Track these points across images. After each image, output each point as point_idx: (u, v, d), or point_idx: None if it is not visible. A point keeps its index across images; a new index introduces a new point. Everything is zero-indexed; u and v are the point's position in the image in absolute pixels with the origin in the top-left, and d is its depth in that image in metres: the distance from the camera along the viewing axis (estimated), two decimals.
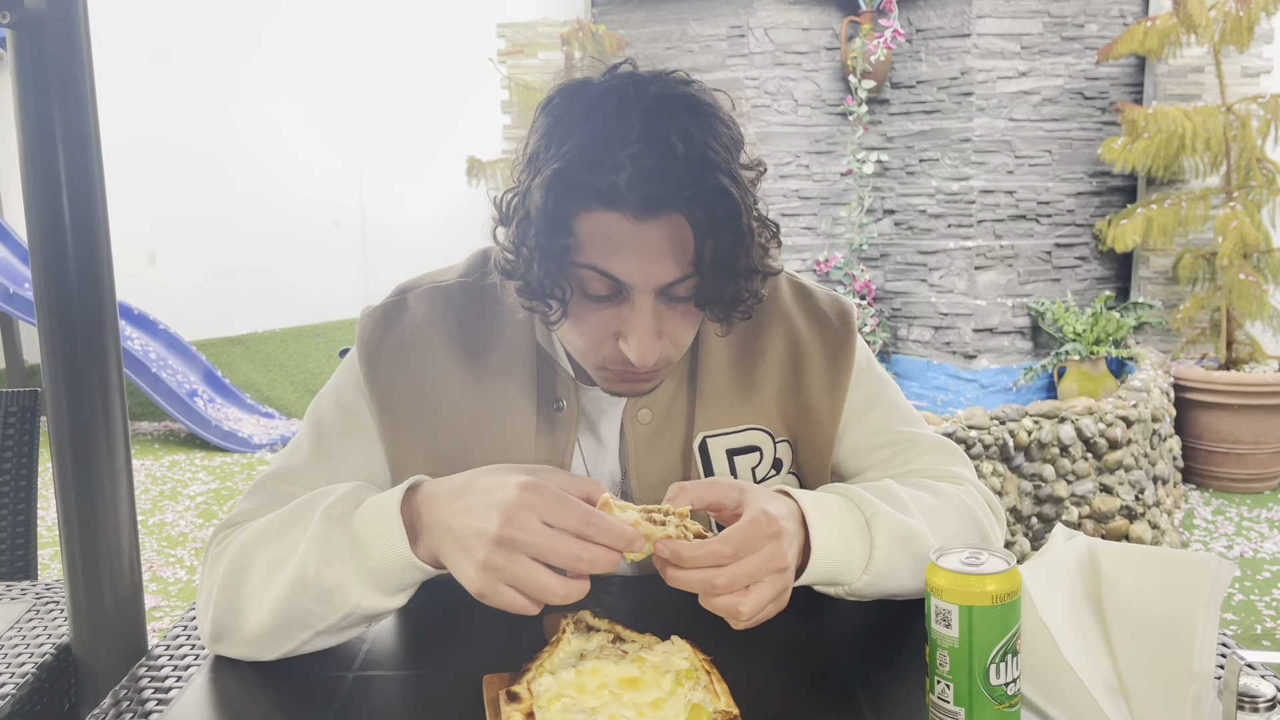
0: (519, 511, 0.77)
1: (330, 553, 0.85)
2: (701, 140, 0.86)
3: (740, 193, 0.87)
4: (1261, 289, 4.49)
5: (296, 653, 0.90)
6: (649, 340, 0.90)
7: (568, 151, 0.86)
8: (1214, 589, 0.75)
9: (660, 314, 0.91)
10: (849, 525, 0.91)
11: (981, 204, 5.24)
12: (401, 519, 0.83)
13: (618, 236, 0.87)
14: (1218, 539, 3.90)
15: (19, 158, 1.14)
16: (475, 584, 0.78)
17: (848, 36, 5.38)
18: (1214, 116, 4.58)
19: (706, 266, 0.87)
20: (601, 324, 0.92)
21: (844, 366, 1.10)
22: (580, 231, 0.88)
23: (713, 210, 0.85)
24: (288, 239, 6.41)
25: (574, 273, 0.90)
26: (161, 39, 6.25)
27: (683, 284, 0.90)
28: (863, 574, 0.90)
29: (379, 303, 1.10)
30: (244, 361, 6.46)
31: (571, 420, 1.06)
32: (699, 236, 0.85)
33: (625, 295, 0.90)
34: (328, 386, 1.10)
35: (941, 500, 1.01)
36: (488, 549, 0.77)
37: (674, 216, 0.86)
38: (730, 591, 0.80)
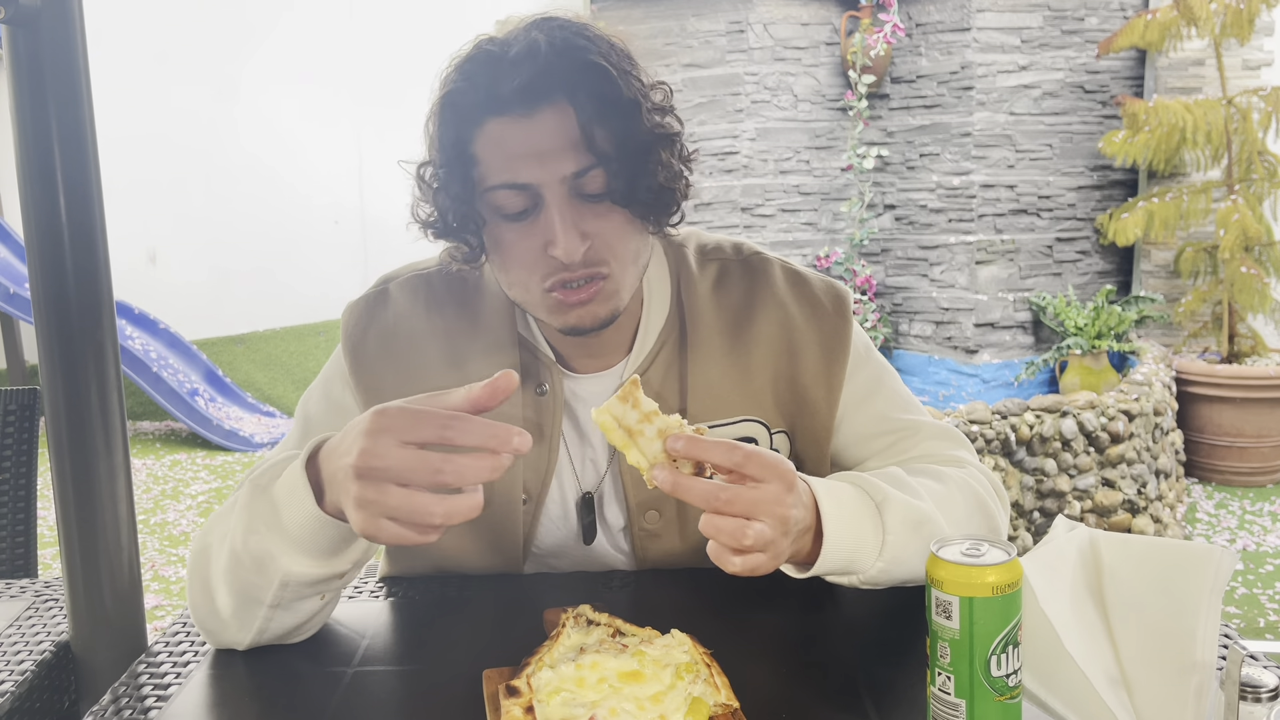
0: (373, 438, 0.74)
1: (256, 520, 0.85)
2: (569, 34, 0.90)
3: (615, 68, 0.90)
4: (1263, 282, 4.49)
5: (268, 634, 0.90)
6: (570, 233, 0.90)
7: (453, 79, 0.92)
8: (1216, 579, 0.75)
9: (579, 211, 0.92)
10: (861, 512, 0.89)
11: (982, 198, 5.23)
12: (307, 476, 0.82)
13: (511, 139, 0.90)
14: (1220, 533, 3.90)
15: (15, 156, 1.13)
16: (356, 524, 0.75)
17: (847, 31, 5.37)
18: (1215, 109, 4.57)
19: (603, 151, 0.89)
20: (528, 243, 0.93)
21: (840, 354, 1.08)
22: (479, 152, 0.91)
23: (592, 86, 0.89)
24: (288, 238, 6.42)
25: (485, 200, 0.93)
26: (162, 38, 6.25)
27: (589, 175, 0.91)
28: (876, 561, 0.89)
29: (362, 294, 1.11)
30: (245, 360, 6.46)
31: (555, 405, 1.06)
32: (583, 116, 0.88)
33: (539, 203, 0.91)
34: (316, 380, 1.11)
35: (947, 485, 1.00)
36: (355, 484, 0.74)
37: (559, 104, 0.89)
38: (731, 513, 0.78)
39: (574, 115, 0.89)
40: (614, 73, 0.90)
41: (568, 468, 1.09)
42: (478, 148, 0.92)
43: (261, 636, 0.90)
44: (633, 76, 0.92)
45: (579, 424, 1.09)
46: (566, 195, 0.91)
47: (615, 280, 0.96)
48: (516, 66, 0.88)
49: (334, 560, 0.85)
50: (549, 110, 0.89)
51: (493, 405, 0.76)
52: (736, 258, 1.13)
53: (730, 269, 1.12)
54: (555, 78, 0.88)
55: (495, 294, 1.08)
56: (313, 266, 6.41)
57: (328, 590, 0.89)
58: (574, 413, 1.08)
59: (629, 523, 1.08)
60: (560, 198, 0.91)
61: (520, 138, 0.90)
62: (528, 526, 1.08)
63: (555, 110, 0.89)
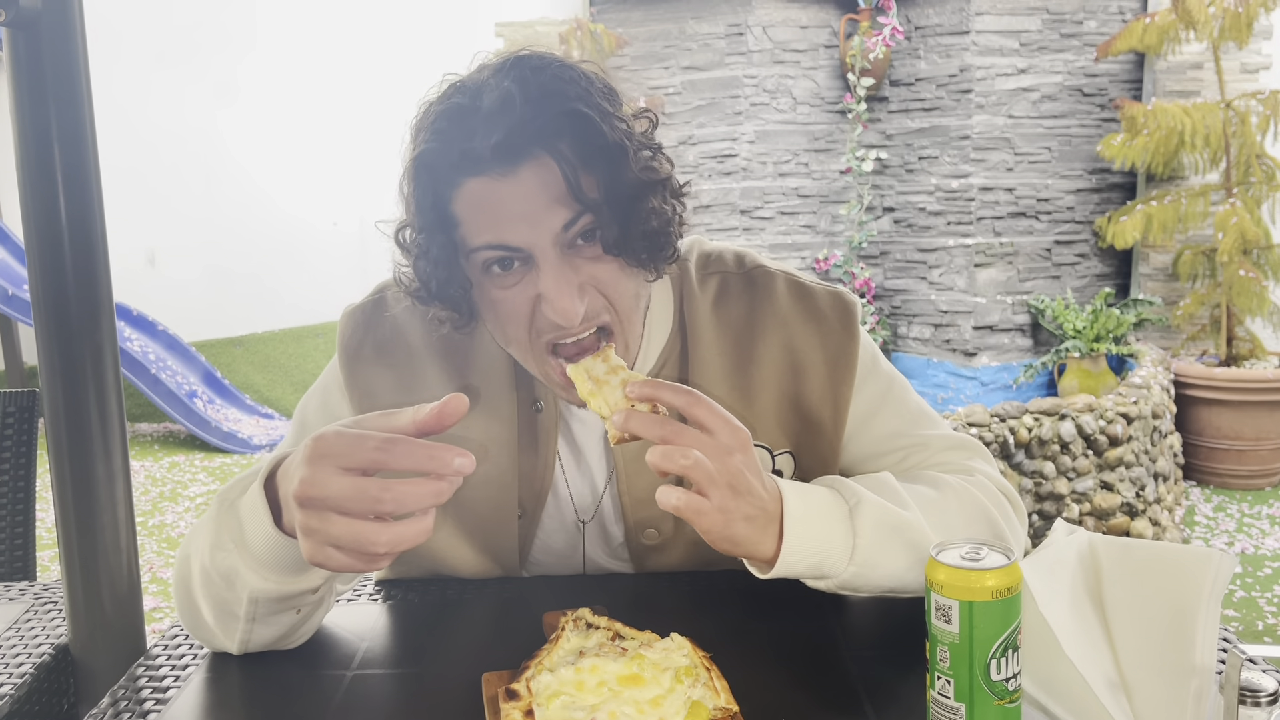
0: (312, 466, 0.72)
1: (222, 536, 0.84)
2: (543, 80, 0.84)
3: (597, 112, 0.85)
4: (1261, 285, 4.49)
5: (255, 645, 0.89)
6: (567, 296, 0.86)
7: (425, 138, 0.87)
8: (1215, 583, 0.75)
9: (574, 265, 0.88)
10: (829, 513, 0.87)
11: (981, 201, 5.24)
12: (265, 496, 0.81)
13: (493, 200, 0.85)
14: (1219, 535, 3.90)
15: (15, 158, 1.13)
16: (305, 552, 0.73)
17: (846, 34, 5.37)
18: (1213, 113, 4.58)
19: (591, 199, 0.85)
20: (521, 299, 0.89)
21: (846, 373, 1.05)
22: (460, 213, 0.87)
23: (574, 136, 0.84)
24: (287, 240, 6.42)
25: (472, 261, 0.89)
26: (161, 41, 6.25)
27: (579, 224, 0.86)
28: (848, 565, 0.87)
29: (359, 301, 1.10)
30: (243, 362, 6.46)
31: (550, 423, 1.05)
32: (567, 168, 0.83)
33: (531, 260, 0.87)
34: (314, 386, 1.10)
35: (943, 491, 0.98)
36: (299, 513, 0.72)
37: (539, 158, 0.84)
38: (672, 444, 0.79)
39: (557, 169, 0.84)
40: (595, 117, 0.84)
41: (563, 484, 1.08)
42: (458, 208, 0.87)
43: (247, 646, 0.90)
44: (615, 118, 0.87)
45: (575, 441, 1.07)
46: (559, 252, 0.87)
47: (619, 326, 0.93)
48: (491, 122, 0.83)
49: (299, 578, 0.84)
50: (530, 166, 0.84)
51: (440, 429, 0.74)
52: (738, 271, 1.09)
53: (731, 284, 1.08)
54: (533, 132, 0.83)
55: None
56: (311, 268, 6.41)
57: (301, 605, 0.88)
58: (570, 429, 1.07)
59: (627, 538, 1.08)
60: (553, 256, 0.86)
61: (503, 198, 0.85)
62: (523, 541, 1.08)
63: (537, 165, 0.84)
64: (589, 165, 0.85)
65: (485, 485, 1.04)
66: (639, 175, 0.87)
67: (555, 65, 0.87)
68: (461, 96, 0.86)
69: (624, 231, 0.87)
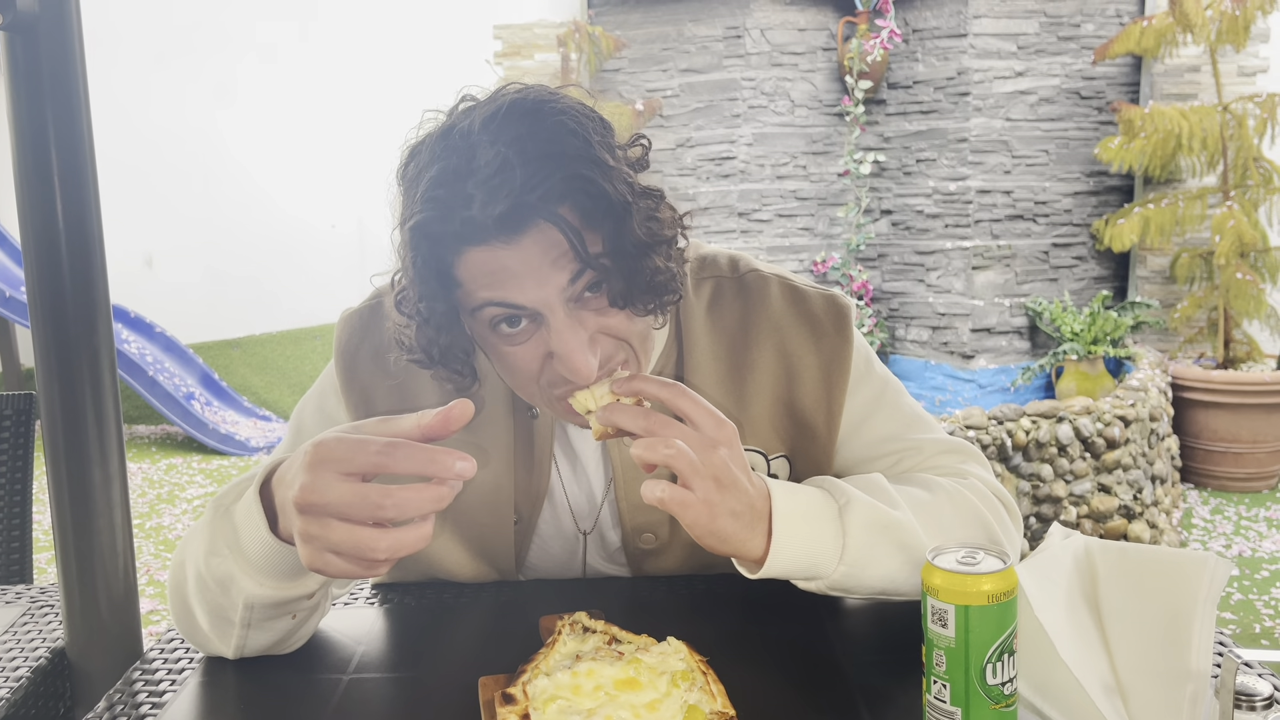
0: (313, 472, 0.71)
1: (218, 542, 0.84)
2: (541, 140, 0.81)
3: (598, 171, 0.82)
4: (1259, 288, 4.50)
5: (249, 650, 0.90)
6: (580, 354, 0.84)
7: (419, 208, 0.83)
8: (1210, 587, 0.75)
9: (582, 319, 0.86)
10: (818, 513, 0.87)
11: (979, 204, 5.24)
12: (261, 502, 0.80)
13: (497, 268, 0.83)
14: (1216, 538, 3.90)
15: (12, 160, 1.13)
16: (303, 558, 0.73)
17: (844, 37, 5.38)
18: (1210, 116, 4.59)
19: (596, 260, 0.83)
20: (529, 352, 0.88)
21: (840, 377, 1.04)
22: (463, 277, 0.85)
23: (576, 199, 0.82)
24: (285, 242, 6.41)
25: (476, 318, 0.87)
26: (159, 42, 6.25)
27: (583, 279, 0.84)
28: (838, 565, 0.86)
29: (356, 305, 1.09)
30: (241, 364, 6.45)
31: (547, 430, 1.04)
32: (570, 234, 0.81)
33: (539, 318, 0.85)
34: (312, 390, 1.10)
35: (935, 494, 0.98)
36: (299, 520, 0.72)
37: (540, 225, 0.81)
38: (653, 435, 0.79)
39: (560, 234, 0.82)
40: (597, 177, 0.81)
41: (560, 491, 1.07)
42: (460, 272, 0.85)
43: (243, 651, 0.90)
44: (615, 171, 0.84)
45: (572, 448, 1.07)
46: (566, 307, 0.85)
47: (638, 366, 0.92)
48: (489, 191, 0.79)
49: (295, 583, 0.84)
50: (533, 233, 0.82)
51: (446, 434, 0.73)
52: (732, 275, 1.08)
53: (725, 288, 1.07)
54: (535, 201, 0.80)
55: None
56: (309, 270, 6.41)
57: (296, 610, 0.88)
58: (567, 437, 1.07)
59: (624, 543, 1.08)
60: (561, 313, 0.84)
61: (507, 264, 0.83)
62: (520, 547, 1.08)
63: (540, 232, 0.82)
64: (592, 225, 0.83)
65: (481, 490, 1.04)
66: (643, 232, 0.85)
67: (550, 115, 0.83)
68: (454, 158, 0.82)
69: (629, 285, 0.85)
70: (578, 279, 0.84)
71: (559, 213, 0.81)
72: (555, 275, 0.83)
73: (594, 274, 0.84)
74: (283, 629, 0.89)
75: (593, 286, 0.86)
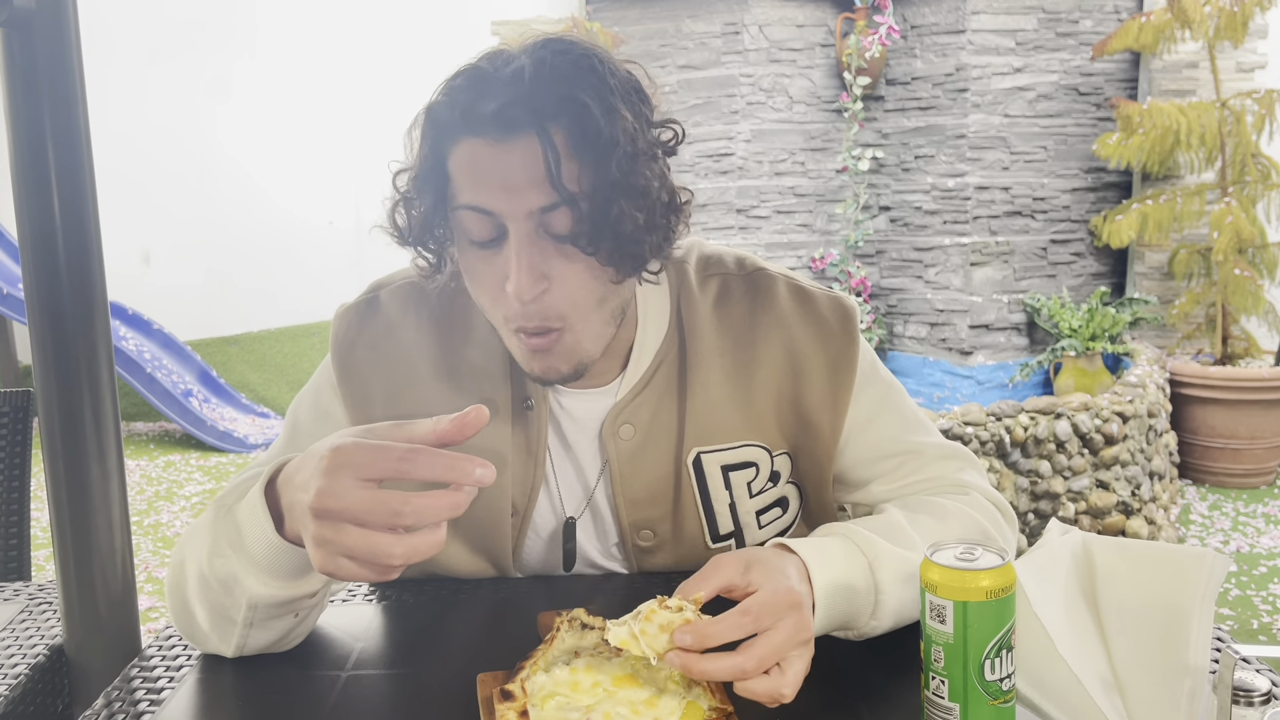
0: (330, 477, 0.71)
1: (221, 542, 0.84)
2: (561, 65, 0.86)
3: (599, 104, 0.85)
4: (1256, 284, 4.50)
5: (249, 649, 0.90)
6: (526, 272, 0.86)
7: (440, 93, 0.89)
8: (1209, 583, 0.75)
9: (542, 251, 0.87)
10: (853, 572, 0.86)
11: (977, 200, 5.24)
12: (266, 502, 0.80)
13: (482, 163, 0.87)
14: (1214, 534, 3.91)
15: (9, 157, 1.13)
16: (315, 561, 0.72)
17: (842, 33, 5.38)
18: (1209, 112, 4.59)
19: (572, 192, 0.84)
20: (492, 274, 0.90)
21: (846, 377, 1.04)
22: (453, 170, 0.89)
23: (568, 123, 0.84)
24: (283, 238, 6.41)
25: (455, 219, 0.91)
26: (155, 39, 6.24)
27: (556, 213, 0.86)
28: (870, 620, 0.87)
29: (352, 301, 1.09)
30: (239, 361, 6.45)
31: (541, 422, 1.04)
32: (550, 153, 0.84)
33: (503, 235, 0.88)
34: (307, 385, 1.10)
35: (946, 521, 0.98)
36: (313, 523, 0.71)
37: (528, 135, 0.85)
38: (760, 673, 0.75)
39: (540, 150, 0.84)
40: (595, 110, 0.84)
41: (554, 481, 1.07)
42: (451, 164, 0.89)
43: (243, 650, 0.90)
44: (621, 115, 0.86)
45: (566, 440, 1.06)
46: (531, 231, 0.87)
47: (575, 334, 0.92)
48: (498, 90, 0.85)
49: (299, 582, 0.84)
50: (520, 141, 0.85)
51: (460, 440, 0.73)
52: (739, 273, 1.09)
53: (732, 285, 1.08)
54: (530, 108, 0.84)
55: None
56: (307, 267, 6.40)
57: (299, 609, 0.88)
58: (561, 429, 1.06)
59: (622, 539, 1.08)
60: (523, 233, 0.87)
61: (490, 163, 0.86)
62: (515, 541, 1.08)
63: (526, 142, 0.85)
64: (577, 155, 0.85)
65: None
66: (621, 175, 0.85)
67: (580, 52, 0.87)
68: (488, 62, 0.88)
69: (597, 229, 0.86)
70: (550, 210, 0.86)
71: (548, 129, 0.84)
72: (529, 193, 0.85)
73: (564, 213, 0.86)
74: (284, 627, 0.89)
75: (560, 233, 0.87)
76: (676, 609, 0.77)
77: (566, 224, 0.86)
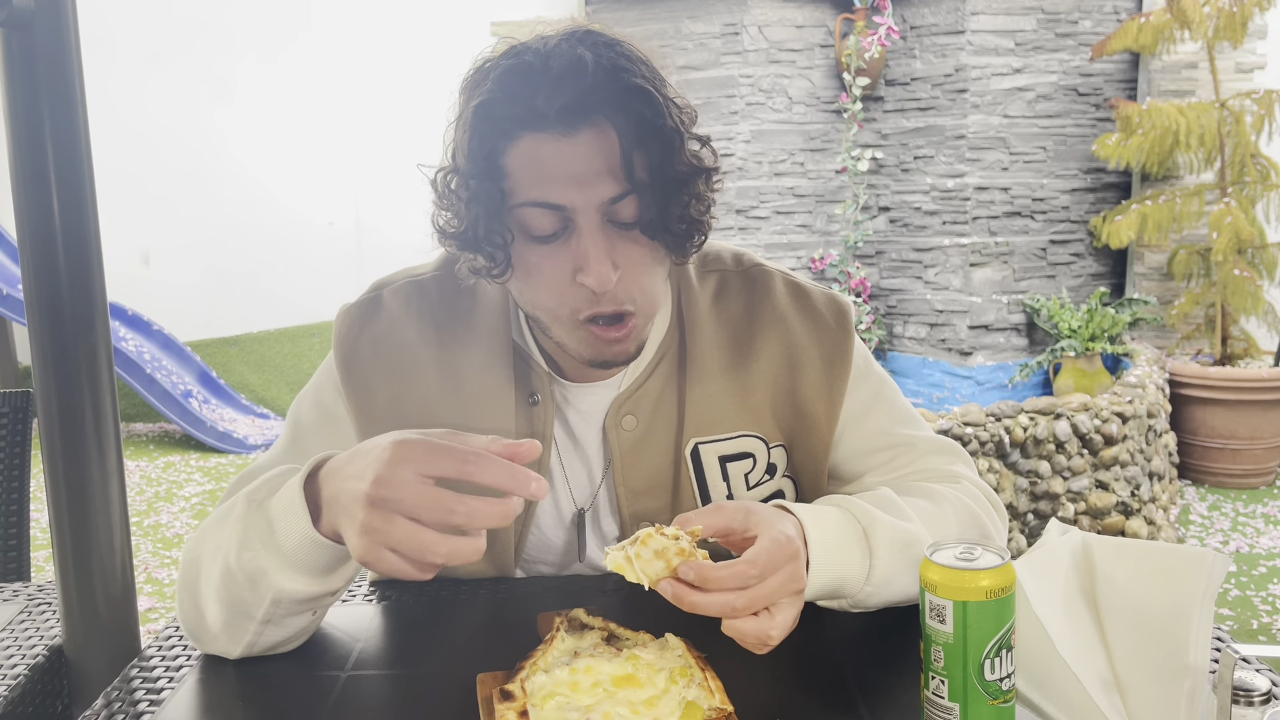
0: (392, 468, 0.73)
1: (250, 536, 0.84)
2: (613, 54, 0.87)
3: (659, 93, 0.88)
4: (1256, 284, 4.50)
5: (259, 647, 0.90)
6: (603, 262, 0.88)
7: (488, 89, 0.88)
8: (1209, 583, 0.75)
9: (611, 240, 0.90)
10: (846, 536, 0.89)
11: (976, 201, 5.24)
12: (304, 496, 0.81)
13: (548, 158, 0.87)
14: (1214, 535, 3.91)
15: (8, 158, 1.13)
16: (357, 550, 0.74)
17: (842, 34, 5.38)
18: (1208, 112, 4.59)
19: (642, 181, 0.87)
20: (556, 268, 0.91)
21: (841, 370, 1.07)
22: (512, 167, 0.89)
23: (637, 111, 0.86)
24: (282, 239, 6.41)
25: (514, 216, 0.90)
26: (155, 40, 6.24)
27: (624, 202, 0.88)
28: (864, 585, 0.89)
29: (355, 300, 1.10)
30: (239, 362, 6.45)
31: (547, 415, 1.05)
32: (625, 142, 0.86)
33: (571, 227, 0.89)
34: (308, 385, 1.10)
35: (940, 504, 1.00)
36: (364, 511, 0.73)
37: (600, 125, 0.87)
38: (750, 613, 0.78)
39: (616, 139, 0.86)
40: (659, 99, 0.87)
41: (560, 477, 1.08)
42: (509, 161, 0.89)
43: (251, 649, 0.90)
44: (673, 104, 0.90)
45: (572, 433, 1.07)
46: (600, 222, 0.89)
47: (644, 313, 0.95)
48: (560, 82, 0.85)
49: (327, 579, 0.85)
50: (590, 132, 0.87)
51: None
52: (736, 269, 1.11)
53: (730, 281, 1.10)
54: (600, 98, 0.85)
55: (491, 300, 1.06)
56: (307, 268, 6.40)
57: (319, 606, 0.89)
58: (567, 422, 1.07)
59: (623, 533, 1.08)
60: (594, 224, 0.88)
61: (558, 158, 0.87)
62: (519, 535, 1.08)
63: (597, 132, 0.87)
64: (644, 144, 0.87)
65: None
66: (688, 162, 0.89)
67: (625, 44, 0.90)
68: (530, 56, 0.88)
69: (664, 214, 0.89)
70: (618, 200, 0.88)
71: (620, 119, 0.86)
72: (599, 185, 0.87)
73: (633, 201, 0.88)
74: (300, 625, 0.89)
75: (626, 221, 0.90)
76: (673, 537, 0.79)
77: (633, 212, 0.89)
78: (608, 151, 0.87)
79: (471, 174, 0.89)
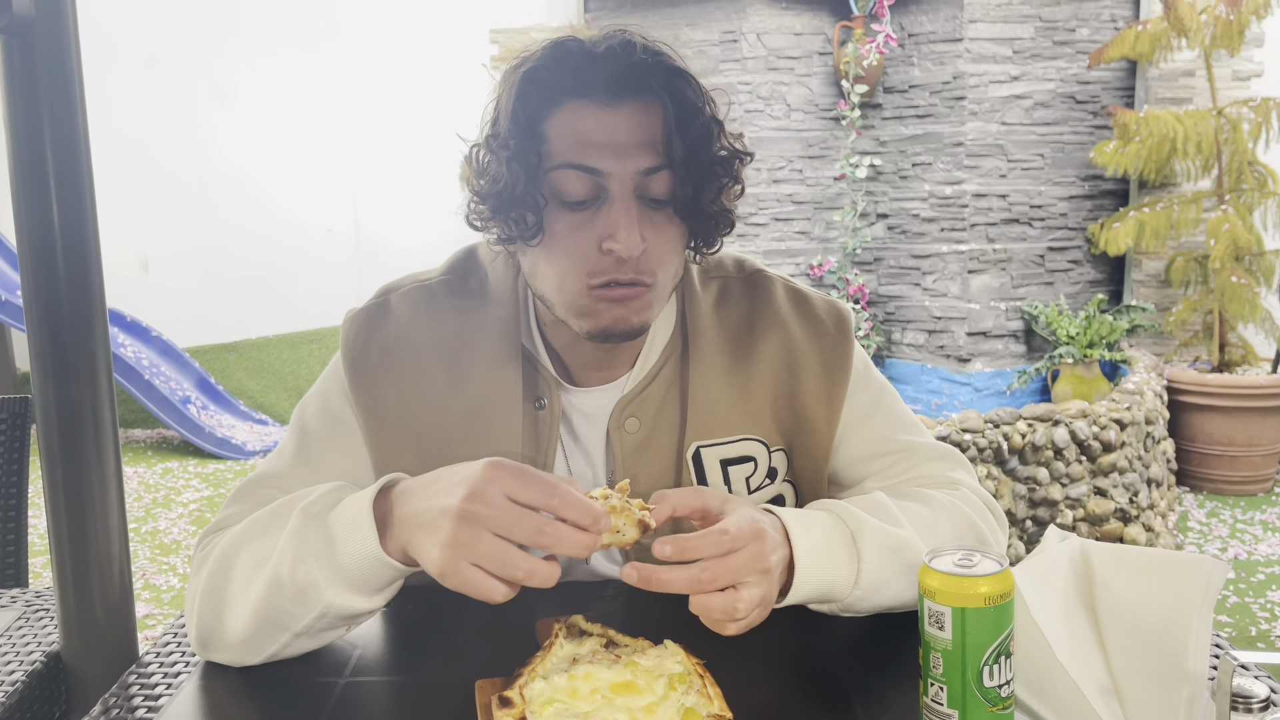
0: (483, 485, 0.77)
1: (305, 550, 0.84)
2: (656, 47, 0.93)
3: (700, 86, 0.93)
4: (1253, 291, 4.51)
5: (278, 656, 0.90)
6: (634, 229, 0.91)
7: (536, 58, 0.92)
8: (1207, 590, 0.75)
9: (640, 213, 0.93)
10: (833, 539, 0.90)
11: (974, 208, 5.25)
12: (373, 515, 0.83)
13: (589, 125, 0.91)
14: (1212, 541, 3.91)
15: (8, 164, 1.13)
16: (438, 563, 0.77)
17: (840, 41, 5.39)
18: (1205, 120, 4.60)
19: (678, 159, 0.90)
20: (582, 235, 0.93)
21: (841, 375, 1.08)
22: (552, 132, 0.92)
23: (677, 93, 0.90)
24: (281, 245, 6.40)
25: (549, 180, 0.92)
26: (154, 46, 6.24)
27: (658, 175, 0.92)
28: (853, 589, 0.90)
29: (362, 305, 1.10)
30: (237, 368, 6.44)
31: (553, 419, 1.05)
32: (666, 119, 0.90)
33: (604, 196, 0.92)
34: (313, 391, 1.09)
35: (934, 509, 1.00)
36: (452, 524, 0.77)
37: (644, 100, 0.91)
38: (716, 589, 0.80)
39: (659, 115, 0.91)
40: (701, 87, 0.93)
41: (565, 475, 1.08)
42: (550, 126, 0.92)
43: (272, 658, 0.90)
44: (709, 99, 0.95)
45: (577, 438, 1.08)
46: (633, 192, 0.92)
47: (657, 291, 0.97)
48: (609, 56, 0.90)
49: (376, 596, 0.86)
50: (635, 104, 0.91)
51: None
52: (738, 275, 1.13)
53: (732, 286, 1.12)
54: (648, 74, 0.90)
55: (499, 304, 1.06)
56: (306, 274, 6.40)
57: (356, 623, 0.91)
58: (573, 427, 1.08)
59: None
60: (627, 193, 0.92)
61: (599, 126, 0.91)
62: None
63: (641, 105, 0.91)
64: (684, 124, 0.91)
65: None
66: (723, 151, 0.94)
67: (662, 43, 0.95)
68: (574, 43, 0.93)
69: (697, 195, 0.93)
70: (653, 173, 0.92)
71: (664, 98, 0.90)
72: (637, 156, 0.91)
73: (667, 176, 0.91)
74: (329, 638, 0.91)
75: (658, 197, 0.93)
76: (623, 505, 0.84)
77: (665, 188, 0.93)
78: (648, 126, 0.91)
79: (513, 134, 0.92)
